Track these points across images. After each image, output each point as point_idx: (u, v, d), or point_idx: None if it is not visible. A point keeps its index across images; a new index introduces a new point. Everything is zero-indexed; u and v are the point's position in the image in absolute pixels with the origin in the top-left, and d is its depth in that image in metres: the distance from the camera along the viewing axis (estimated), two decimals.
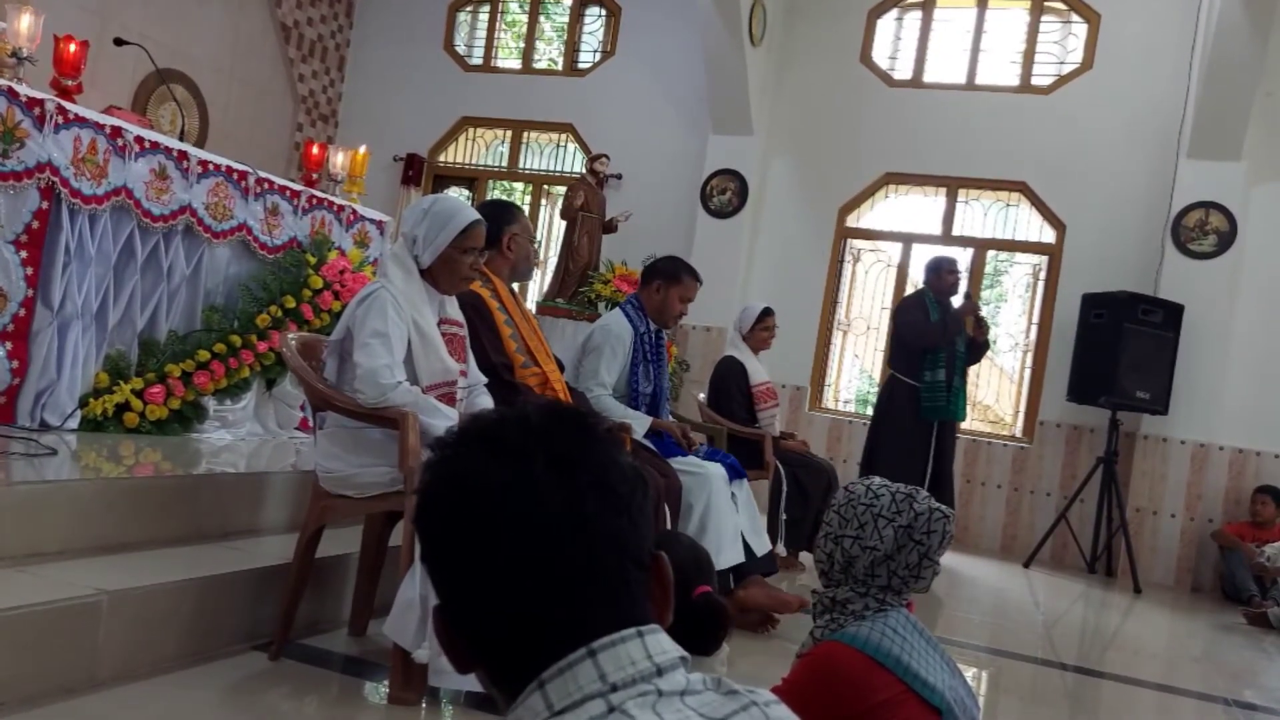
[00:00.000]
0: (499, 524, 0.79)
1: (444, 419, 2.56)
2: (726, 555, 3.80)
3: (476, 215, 2.80)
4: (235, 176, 4.15)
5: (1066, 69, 7.66)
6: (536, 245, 3.48)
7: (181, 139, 4.33)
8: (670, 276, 3.99)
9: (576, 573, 0.80)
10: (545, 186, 9.08)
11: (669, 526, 3.26)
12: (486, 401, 2.91)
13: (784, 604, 3.71)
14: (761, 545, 3.93)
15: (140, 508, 2.85)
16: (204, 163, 4.01)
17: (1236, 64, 6.49)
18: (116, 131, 3.62)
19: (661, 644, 0.81)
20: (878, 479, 1.96)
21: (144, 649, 2.47)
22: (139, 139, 3.72)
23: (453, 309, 2.90)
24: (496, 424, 0.85)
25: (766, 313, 5.46)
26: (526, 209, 9.00)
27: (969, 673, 4.21)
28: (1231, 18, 6.38)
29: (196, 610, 2.61)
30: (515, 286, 3.56)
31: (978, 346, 6.08)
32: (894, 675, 1.71)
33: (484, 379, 2.99)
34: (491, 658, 0.82)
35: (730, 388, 5.32)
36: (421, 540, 0.85)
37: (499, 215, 3.31)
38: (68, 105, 3.45)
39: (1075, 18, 7.70)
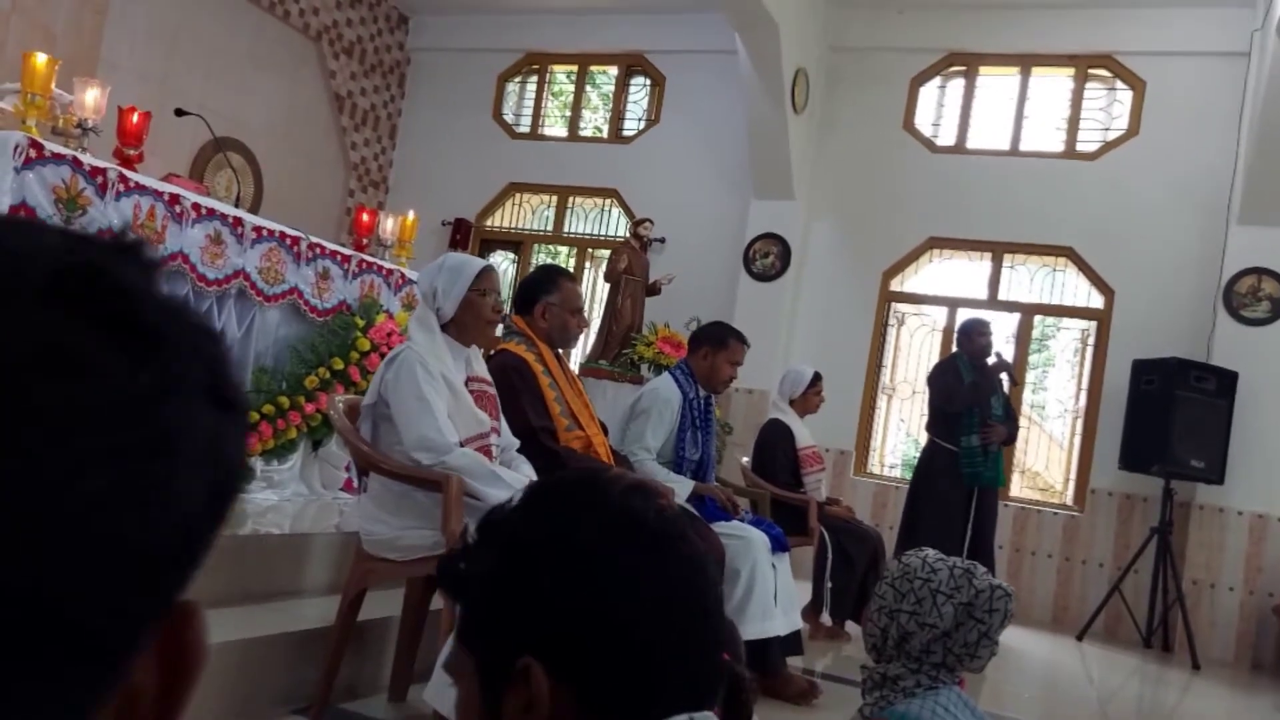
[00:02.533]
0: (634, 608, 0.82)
1: (503, 488, 2.55)
2: (774, 624, 3.73)
3: (488, 262, 2.94)
4: (288, 241, 4.24)
5: (1112, 135, 7.64)
6: (584, 315, 3.49)
7: (237, 205, 4.44)
8: (717, 341, 3.99)
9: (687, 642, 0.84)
10: (590, 250, 9.18)
11: None
12: (525, 467, 2.92)
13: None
14: (791, 623, 3.85)
15: None
16: (258, 228, 4.10)
17: None
18: (175, 199, 3.73)
19: None
20: (932, 551, 1.91)
21: (186, 710, 2.46)
22: (196, 206, 3.82)
23: (479, 366, 2.94)
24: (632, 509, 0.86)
25: (817, 377, 5.45)
26: (570, 271, 9.07)
27: None
28: None
29: (239, 672, 2.61)
30: (560, 350, 3.57)
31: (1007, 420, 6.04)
32: None
33: (516, 442, 2.99)
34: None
35: (776, 452, 5.28)
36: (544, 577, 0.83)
37: (538, 283, 3.36)
38: (129, 173, 3.56)
39: (1120, 84, 7.70)
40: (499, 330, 3.17)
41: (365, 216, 4.98)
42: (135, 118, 3.74)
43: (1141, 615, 6.72)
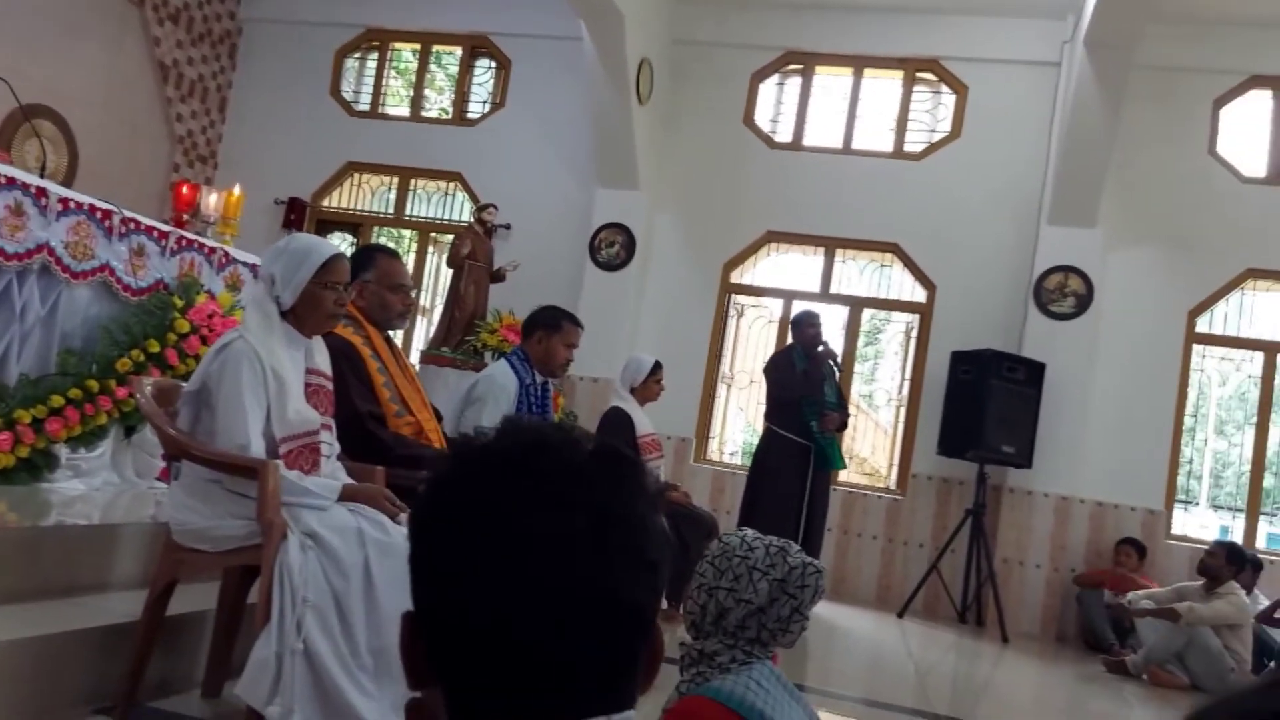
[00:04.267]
0: (524, 576, 0.74)
1: (313, 500, 2.47)
2: None
3: (337, 249, 2.75)
4: (99, 215, 3.98)
5: (937, 137, 8.03)
6: (408, 292, 3.39)
7: (43, 176, 4.14)
8: (550, 325, 3.98)
9: (583, 643, 0.75)
10: (433, 234, 9.01)
11: None
12: (342, 474, 2.81)
13: None
14: None
15: None
16: (64, 200, 3.84)
17: (1091, 136, 6.91)
18: None
19: None
20: (750, 531, 1.96)
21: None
22: None
23: (321, 359, 2.81)
24: (546, 461, 0.78)
25: (658, 366, 5.52)
26: (412, 256, 8.90)
27: (848, 712, 4.26)
28: (1086, 92, 6.80)
29: (32, 671, 2.44)
30: (400, 335, 3.49)
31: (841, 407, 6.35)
32: None
33: (338, 448, 2.87)
34: (454, 687, 0.77)
35: (616, 439, 5.31)
36: (422, 542, 0.78)
37: (354, 263, 3.25)
38: None
39: (944, 89, 8.10)
40: None
41: (186, 190, 4.73)
42: None
43: (957, 592, 7.12)
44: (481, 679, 0.75)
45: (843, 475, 7.87)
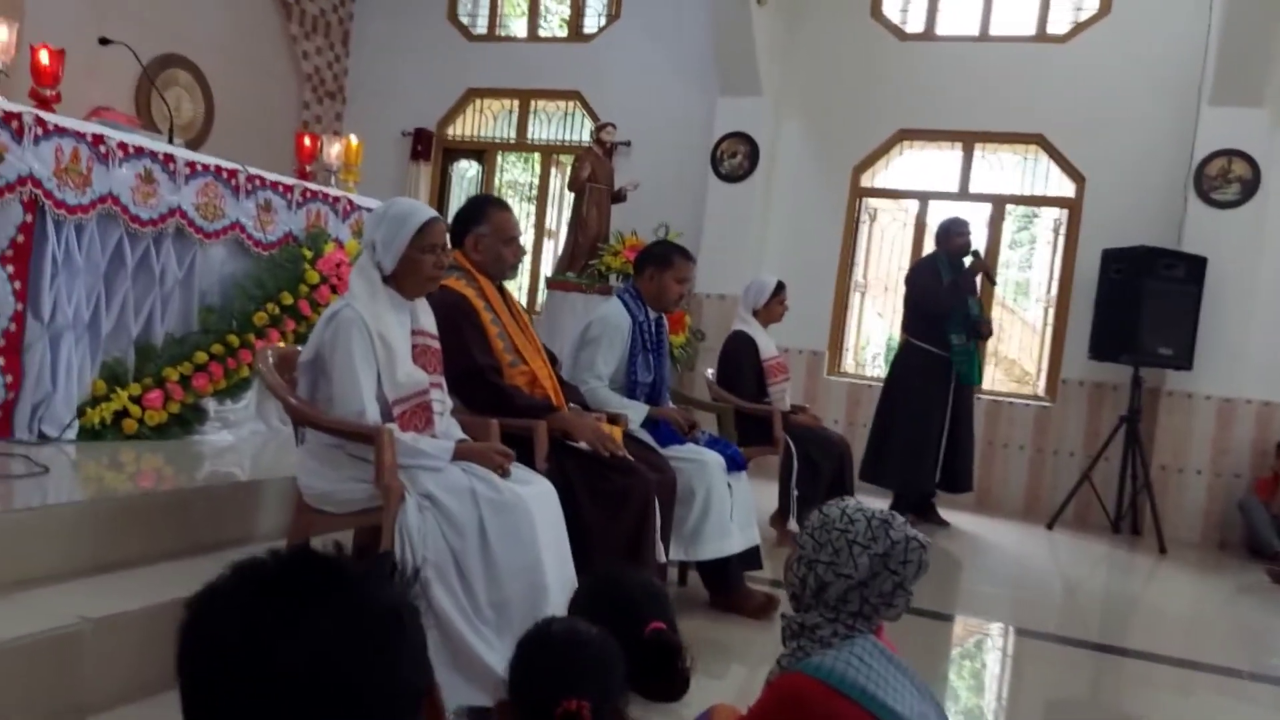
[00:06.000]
0: (250, 690, 0.82)
1: (426, 460, 2.55)
2: (730, 542, 3.78)
3: (434, 213, 2.77)
4: (225, 175, 4.12)
5: (1084, 16, 7.41)
6: (519, 244, 3.39)
7: (171, 134, 4.31)
8: (661, 261, 3.92)
9: None
10: (555, 156, 8.98)
11: (658, 525, 3.22)
12: (456, 430, 2.87)
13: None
14: (748, 540, 3.89)
15: (132, 524, 2.86)
16: (191, 164, 3.98)
17: (1257, 4, 6.24)
18: (98, 139, 3.60)
19: None
20: (852, 501, 1.90)
21: (133, 672, 2.48)
22: (122, 145, 3.70)
23: (426, 320, 2.85)
24: (240, 579, 0.88)
25: (780, 286, 5.40)
26: (536, 180, 8.92)
27: (989, 643, 4.19)
28: None
29: None
30: (527, 261, 3.51)
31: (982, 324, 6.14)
32: (859, 706, 1.68)
33: (450, 405, 2.93)
34: None
35: (741, 363, 5.26)
36: (183, 673, 0.87)
37: (467, 215, 3.27)
38: (46, 116, 3.43)
39: None
40: None
41: (308, 141, 4.84)
42: (44, 56, 3.57)
43: (1111, 502, 6.83)
44: None
45: (987, 383, 7.61)
